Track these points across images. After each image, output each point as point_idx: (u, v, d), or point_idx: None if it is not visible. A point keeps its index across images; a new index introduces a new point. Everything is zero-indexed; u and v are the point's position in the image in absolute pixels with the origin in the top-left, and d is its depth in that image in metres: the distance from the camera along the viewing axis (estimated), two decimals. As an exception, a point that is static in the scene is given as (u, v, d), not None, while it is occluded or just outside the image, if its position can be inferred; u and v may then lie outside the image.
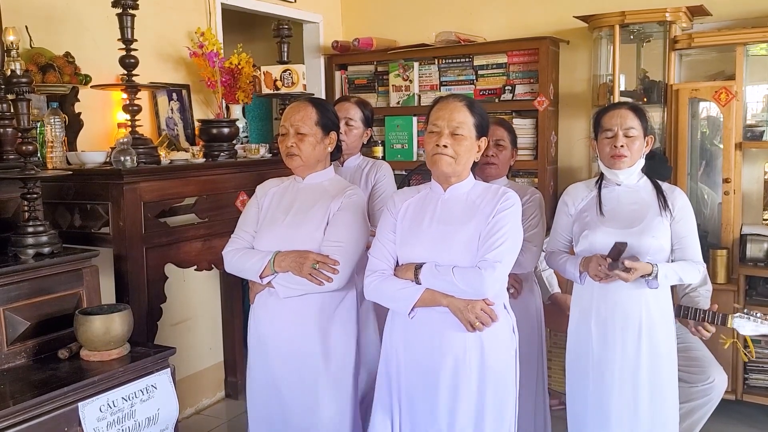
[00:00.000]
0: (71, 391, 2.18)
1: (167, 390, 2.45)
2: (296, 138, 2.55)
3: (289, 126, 2.57)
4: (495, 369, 2.25)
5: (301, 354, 2.52)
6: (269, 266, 2.48)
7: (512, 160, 3.06)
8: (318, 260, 2.43)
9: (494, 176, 2.93)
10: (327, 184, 2.63)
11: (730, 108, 3.79)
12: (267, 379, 2.59)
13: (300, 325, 2.52)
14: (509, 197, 2.26)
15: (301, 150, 2.55)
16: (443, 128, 2.26)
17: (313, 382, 2.52)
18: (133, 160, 2.89)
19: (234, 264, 2.59)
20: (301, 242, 2.49)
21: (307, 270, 2.43)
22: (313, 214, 2.53)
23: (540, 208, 2.91)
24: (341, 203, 2.53)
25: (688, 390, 3.24)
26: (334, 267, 2.43)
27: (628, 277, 2.48)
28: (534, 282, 3.05)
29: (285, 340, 2.54)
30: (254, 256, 2.53)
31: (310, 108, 2.59)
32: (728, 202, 3.85)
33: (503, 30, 4.68)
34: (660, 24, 4.01)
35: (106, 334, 2.39)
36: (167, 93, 3.91)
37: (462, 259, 2.21)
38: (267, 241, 2.55)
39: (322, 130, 2.58)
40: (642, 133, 2.62)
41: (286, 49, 4.04)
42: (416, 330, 2.29)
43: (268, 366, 2.58)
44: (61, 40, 3.31)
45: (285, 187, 2.68)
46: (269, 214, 2.62)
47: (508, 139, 3.00)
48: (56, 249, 2.57)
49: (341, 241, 2.47)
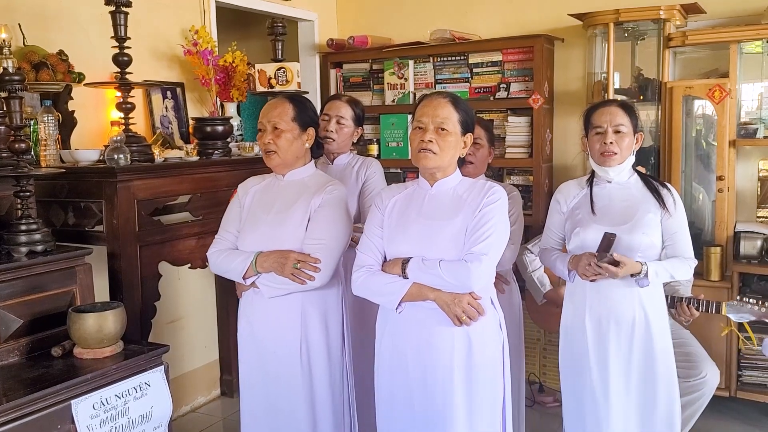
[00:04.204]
0: (64, 388, 2.18)
1: (161, 387, 2.46)
2: (273, 135, 2.54)
3: (266, 123, 2.56)
4: (483, 364, 2.26)
5: (288, 352, 2.52)
6: (252, 267, 2.48)
7: (490, 158, 3.09)
8: (299, 259, 2.43)
9: (472, 175, 2.89)
10: (308, 181, 2.62)
11: (724, 106, 3.79)
12: (256, 379, 2.59)
13: (286, 324, 2.53)
14: (496, 191, 2.27)
15: (279, 147, 2.54)
16: (428, 124, 2.26)
17: (300, 380, 2.52)
18: (127, 158, 2.89)
19: (218, 265, 2.60)
20: (284, 240, 2.49)
21: (288, 270, 2.43)
22: (294, 212, 2.53)
23: (518, 206, 2.95)
24: (322, 199, 2.52)
25: (681, 385, 3.24)
26: (315, 265, 2.43)
27: (617, 271, 2.49)
28: (513, 281, 3.09)
29: (271, 340, 2.54)
30: (237, 257, 2.53)
31: (286, 104, 2.58)
32: (722, 199, 3.85)
33: (498, 28, 4.68)
34: (654, 22, 4.01)
35: (99, 332, 2.39)
36: (161, 91, 3.91)
37: (449, 254, 2.22)
38: (250, 241, 2.55)
39: (300, 126, 2.57)
40: (632, 129, 2.63)
41: (281, 47, 4.04)
42: (405, 326, 2.30)
43: (256, 365, 2.59)
44: (55, 38, 3.31)
45: (266, 185, 2.67)
46: (251, 213, 2.61)
47: (485, 138, 3.02)
48: (49, 247, 2.57)
49: (322, 239, 2.47)
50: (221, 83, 3.95)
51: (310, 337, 2.54)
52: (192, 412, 4.17)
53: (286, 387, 2.54)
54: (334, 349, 2.61)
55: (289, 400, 2.54)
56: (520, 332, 3.11)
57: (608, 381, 2.60)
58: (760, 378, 3.81)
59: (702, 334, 3.50)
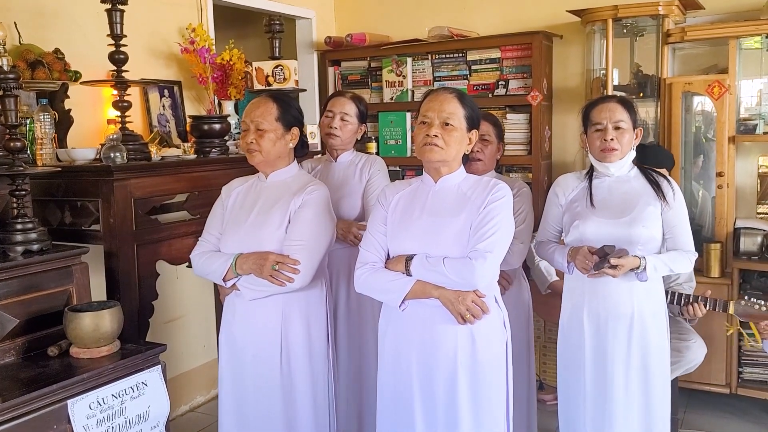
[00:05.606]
0: (60, 388, 2.17)
1: (158, 387, 2.44)
2: (256, 134, 2.51)
3: (249, 122, 2.54)
4: (486, 363, 2.24)
5: (266, 355, 2.51)
6: (231, 269, 2.47)
7: (499, 155, 3.03)
8: (278, 261, 2.41)
9: (480, 172, 2.87)
10: (290, 181, 2.60)
11: (723, 101, 3.78)
12: (232, 383, 2.59)
13: (265, 327, 2.51)
14: (501, 188, 2.25)
15: (261, 146, 2.51)
16: (433, 119, 2.24)
17: (279, 382, 2.51)
18: (123, 156, 2.87)
19: (200, 268, 2.59)
20: (264, 242, 2.48)
21: (267, 271, 2.41)
22: (275, 213, 2.51)
23: (528, 203, 2.88)
24: (302, 200, 2.50)
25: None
26: (294, 267, 2.41)
27: (615, 273, 2.49)
28: (522, 277, 3.05)
29: (250, 343, 2.53)
30: (218, 259, 2.52)
31: (270, 103, 2.56)
32: (722, 195, 3.84)
33: (496, 25, 4.66)
34: (653, 18, 4.00)
35: (96, 331, 2.37)
36: (159, 89, 3.89)
37: (453, 251, 2.20)
38: (231, 243, 2.53)
39: (283, 125, 2.55)
40: (631, 125, 2.62)
41: (278, 45, 4.02)
42: (408, 323, 2.28)
43: (233, 368, 2.58)
44: (51, 36, 3.29)
45: (249, 186, 2.65)
46: (233, 214, 2.60)
47: (494, 134, 2.97)
48: (45, 246, 2.55)
49: (302, 240, 2.45)
50: (218, 81, 3.93)
51: (291, 340, 2.52)
52: (191, 412, 4.16)
53: (263, 391, 2.52)
54: (317, 351, 2.59)
55: (266, 404, 2.52)
56: (529, 330, 3.06)
57: (604, 377, 2.59)
58: (761, 375, 3.80)
59: (702, 330, 3.49)
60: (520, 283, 3.03)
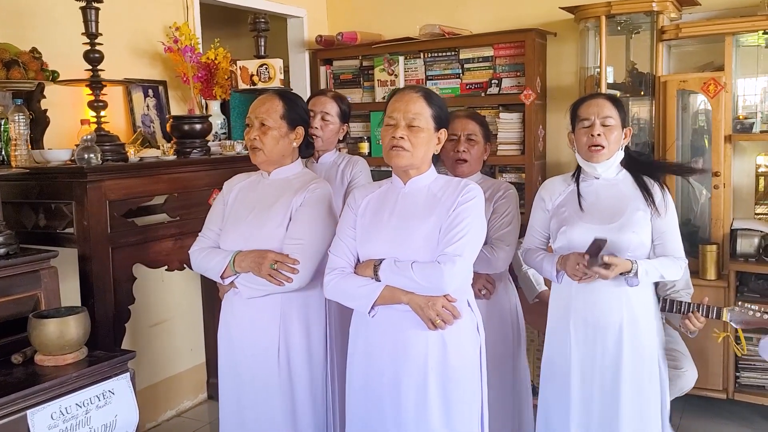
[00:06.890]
0: (20, 398, 2.10)
1: (126, 395, 2.38)
2: (260, 131, 2.47)
3: (254, 118, 2.49)
4: (459, 368, 2.17)
5: (264, 356, 2.45)
6: (230, 267, 2.42)
7: (485, 155, 2.91)
8: (276, 260, 2.35)
9: (467, 173, 2.78)
10: (293, 179, 2.54)
11: (719, 100, 3.69)
12: (231, 383, 2.52)
13: (263, 326, 2.46)
14: (471, 189, 2.17)
15: (264, 144, 2.46)
16: (399, 120, 2.18)
17: (277, 383, 2.45)
18: (98, 157, 2.81)
19: (198, 264, 2.54)
20: (264, 240, 2.42)
21: (265, 270, 2.35)
22: (276, 211, 2.45)
23: (514, 205, 2.78)
24: (304, 198, 2.45)
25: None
26: (293, 266, 2.35)
27: (607, 273, 2.39)
28: (509, 281, 2.95)
29: (248, 342, 2.47)
30: (216, 256, 2.47)
31: (276, 100, 2.51)
32: (718, 196, 3.75)
33: (489, 23, 4.58)
34: (647, 14, 3.90)
35: (61, 338, 2.31)
36: (143, 89, 3.83)
37: (422, 255, 2.13)
38: (231, 240, 2.48)
39: (288, 124, 2.50)
40: (620, 123, 2.53)
41: (263, 43, 3.96)
42: (379, 330, 2.22)
43: (231, 368, 2.52)
44: (29, 35, 3.22)
45: (251, 183, 2.60)
46: (233, 211, 2.54)
47: (481, 134, 2.85)
48: (12, 250, 2.49)
49: (302, 239, 2.39)
50: (203, 81, 3.87)
51: (290, 340, 2.47)
52: (177, 417, 4.09)
53: (262, 392, 2.47)
54: (316, 352, 2.53)
55: (265, 405, 2.47)
56: (519, 336, 2.94)
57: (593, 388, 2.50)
58: (758, 380, 3.72)
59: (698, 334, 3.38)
60: (506, 285, 2.92)
